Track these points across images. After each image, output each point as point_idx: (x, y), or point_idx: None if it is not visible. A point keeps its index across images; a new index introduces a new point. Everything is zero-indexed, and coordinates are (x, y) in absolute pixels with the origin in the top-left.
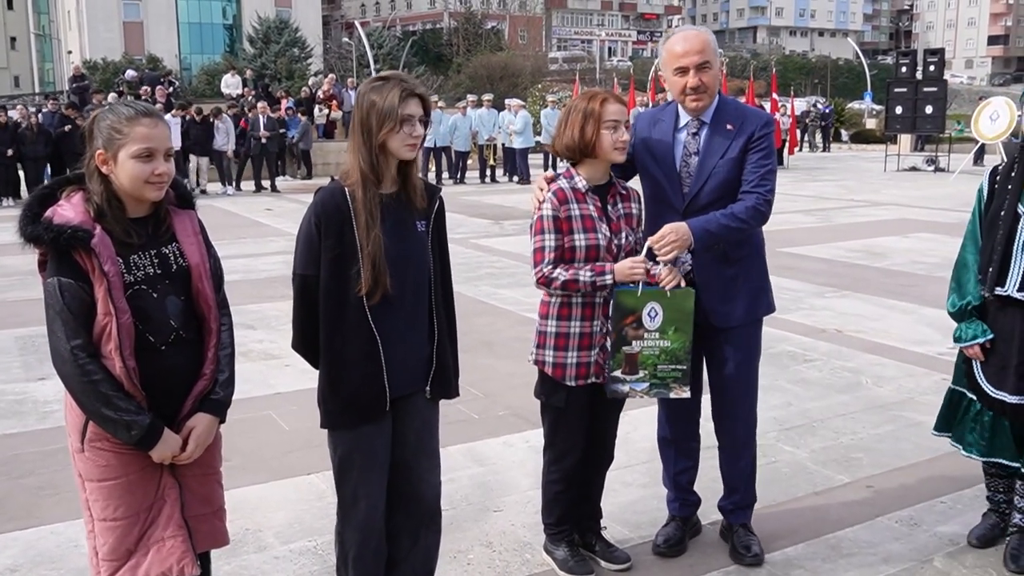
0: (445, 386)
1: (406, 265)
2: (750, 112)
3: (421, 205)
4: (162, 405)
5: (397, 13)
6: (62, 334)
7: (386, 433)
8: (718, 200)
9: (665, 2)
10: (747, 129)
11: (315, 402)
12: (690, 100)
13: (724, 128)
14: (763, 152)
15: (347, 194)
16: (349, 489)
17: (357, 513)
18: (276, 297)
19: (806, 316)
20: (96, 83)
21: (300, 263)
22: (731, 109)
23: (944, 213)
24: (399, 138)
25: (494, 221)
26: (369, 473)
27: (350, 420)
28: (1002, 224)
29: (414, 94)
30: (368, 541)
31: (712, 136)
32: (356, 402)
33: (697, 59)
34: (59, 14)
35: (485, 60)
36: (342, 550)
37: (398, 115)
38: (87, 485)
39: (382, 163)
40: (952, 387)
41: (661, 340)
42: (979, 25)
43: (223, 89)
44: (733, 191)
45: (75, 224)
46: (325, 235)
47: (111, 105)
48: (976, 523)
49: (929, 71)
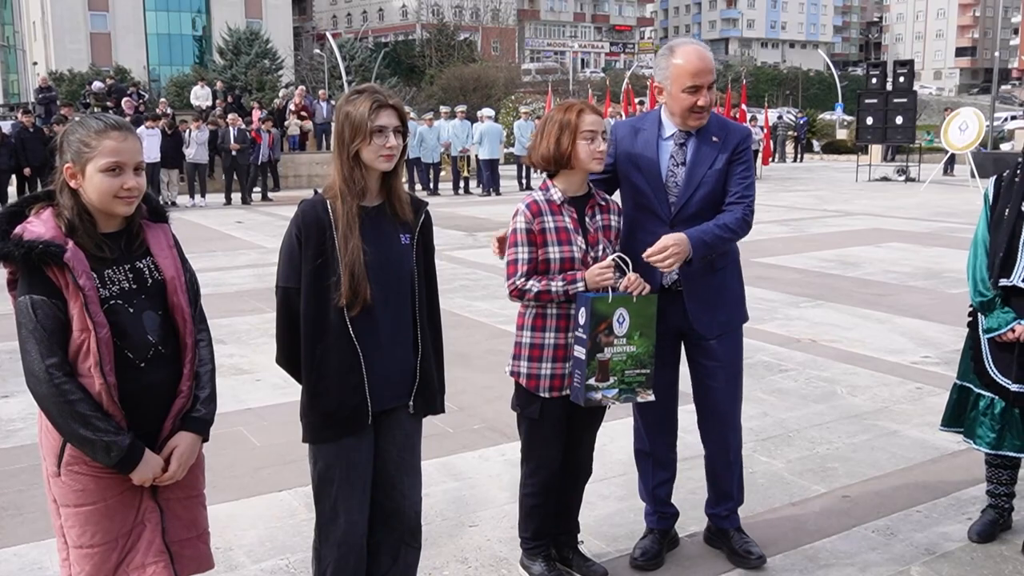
0: (429, 401)
1: (387, 277)
2: (732, 125)
3: (406, 218)
4: (141, 424)
5: (369, 24)
6: (36, 353)
7: (368, 447)
8: (705, 210)
9: (638, 14)
10: (731, 141)
11: (287, 418)
12: (694, 118)
13: (710, 140)
14: (746, 164)
15: (328, 206)
16: (328, 504)
17: (336, 529)
18: (247, 311)
19: (780, 326)
20: (63, 95)
21: (282, 275)
22: (715, 121)
23: (915, 223)
24: (372, 149)
25: (468, 233)
26: (349, 488)
27: (331, 433)
28: (1007, 222)
29: (386, 105)
30: (347, 557)
31: (700, 147)
32: (337, 414)
33: (710, 79)
34: (24, 25)
35: (458, 71)
36: (319, 567)
37: (368, 127)
38: (62, 511)
39: (359, 175)
40: (958, 383)
41: (628, 345)
42: (947, 37)
43: (193, 101)
44: (717, 202)
45: (47, 239)
46: (306, 246)
47: (81, 118)
48: (959, 528)
49: (899, 82)
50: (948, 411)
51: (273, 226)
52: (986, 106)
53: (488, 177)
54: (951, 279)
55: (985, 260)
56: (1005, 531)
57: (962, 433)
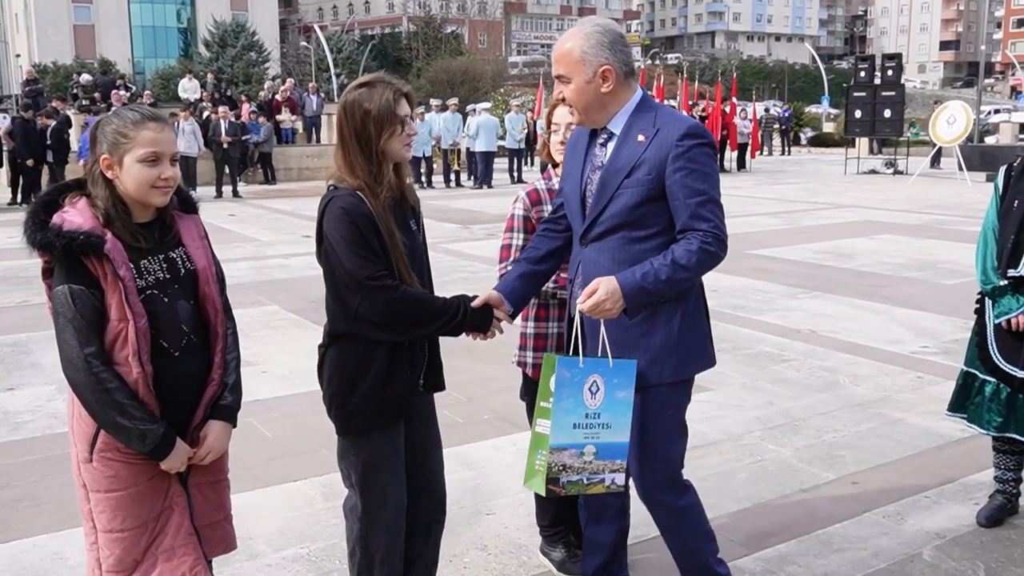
0: (434, 378)
1: (414, 263)
2: (670, 120)
3: (414, 203)
4: (173, 413)
5: (355, 17)
6: (75, 342)
7: (402, 431)
8: (618, 229)
9: (624, 7)
10: (661, 142)
11: (296, 409)
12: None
13: (635, 139)
14: (688, 172)
15: (364, 198)
16: (378, 490)
17: (386, 514)
18: (247, 303)
19: (780, 317)
20: (47, 88)
21: (363, 266)
22: (647, 116)
23: (905, 215)
24: (399, 139)
25: (463, 225)
26: (397, 472)
27: (385, 420)
28: (1015, 213)
29: (403, 93)
30: (396, 541)
31: (619, 149)
32: (395, 400)
33: (553, 69)
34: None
35: (445, 64)
36: (366, 555)
37: (397, 117)
38: (93, 496)
39: (383, 169)
40: (965, 369)
41: None
42: (931, 31)
43: (180, 93)
44: (639, 222)
45: (86, 230)
46: (371, 241)
47: (116, 109)
48: (967, 513)
49: (887, 76)
50: (954, 397)
51: (267, 218)
52: (971, 99)
53: (482, 170)
54: (945, 270)
55: (995, 248)
56: (1012, 515)
57: (965, 418)
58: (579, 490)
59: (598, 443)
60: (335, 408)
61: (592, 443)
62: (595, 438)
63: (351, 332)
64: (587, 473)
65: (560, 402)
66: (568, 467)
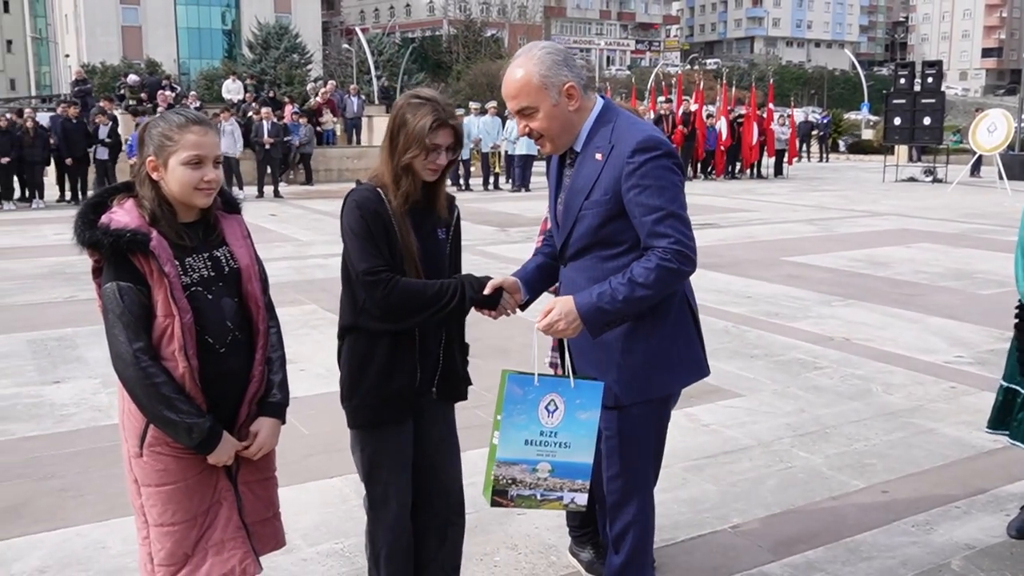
0: (450, 388)
1: (429, 269)
2: (624, 134)
3: (443, 214)
4: (218, 409)
5: (396, 20)
6: (124, 337)
7: (409, 431)
8: (589, 249)
9: (663, 12)
10: (615, 160)
11: (332, 407)
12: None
13: (592, 158)
14: (641, 190)
15: (382, 196)
16: (380, 488)
17: (388, 512)
18: (286, 302)
19: (814, 324)
20: (95, 88)
21: (364, 258)
22: (605, 131)
23: (943, 223)
24: (421, 162)
25: (500, 228)
26: (399, 471)
27: (389, 414)
28: None
29: (447, 124)
30: (400, 539)
31: (579, 169)
32: (399, 396)
33: (513, 104)
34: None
35: (485, 67)
36: (372, 550)
37: (426, 143)
38: (143, 491)
39: (409, 180)
40: (1005, 385)
41: None
42: (973, 38)
43: (224, 94)
44: (607, 240)
45: (133, 228)
46: (378, 236)
47: (162, 113)
48: (997, 524)
49: (927, 83)
50: (994, 413)
51: (307, 219)
52: (1013, 107)
53: (519, 173)
54: (982, 280)
55: None
56: None
57: (1008, 435)
58: (530, 505)
59: (554, 461)
60: (344, 399)
61: (547, 460)
62: (550, 456)
63: (356, 324)
64: (541, 489)
65: (510, 418)
66: (519, 481)
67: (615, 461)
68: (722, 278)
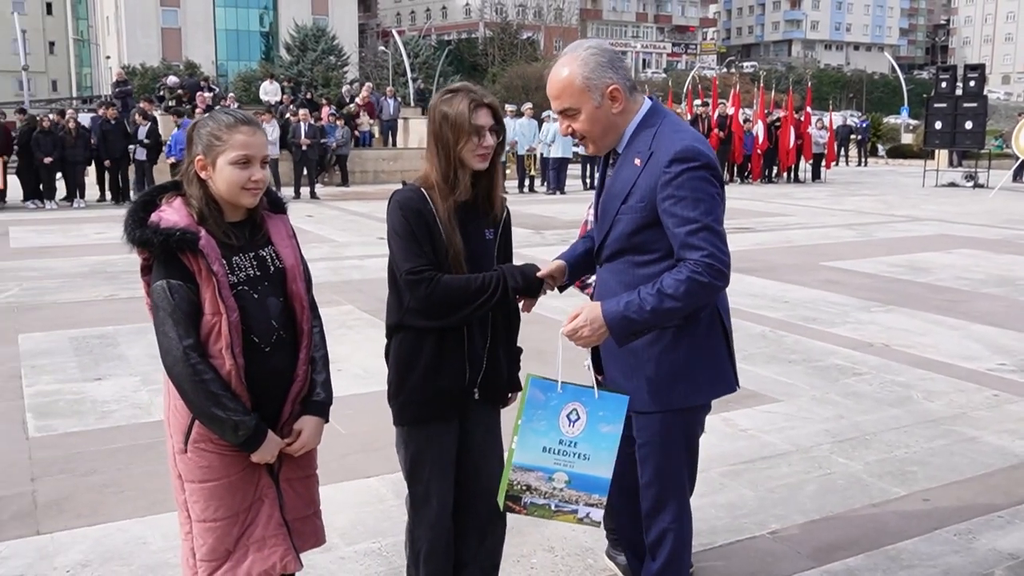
0: (492, 391)
1: (475, 269)
2: (664, 141)
3: (491, 213)
4: (263, 407)
5: (432, 22)
6: (174, 334)
7: (454, 430)
8: (622, 253)
9: (700, 14)
10: (652, 167)
11: (370, 407)
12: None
13: (631, 163)
14: (676, 201)
15: (426, 196)
16: (422, 487)
17: (429, 511)
18: (324, 303)
19: (853, 330)
20: (136, 89)
21: (408, 258)
22: (647, 135)
23: (985, 229)
24: (469, 148)
25: (535, 231)
26: (442, 470)
27: (433, 412)
28: None
29: (483, 104)
30: (440, 538)
31: (618, 172)
32: (445, 394)
33: (556, 104)
34: (97, 20)
35: (520, 70)
36: (412, 549)
37: (470, 125)
38: (187, 486)
39: (458, 174)
40: None
41: None
42: (1016, 41)
43: (262, 96)
44: (640, 247)
45: (182, 227)
46: (420, 236)
47: (212, 112)
48: None
49: (969, 87)
50: None
51: (343, 220)
52: None
53: (554, 176)
54: None
55: None
56: None
57: None
58: (543, 515)
59: (571, 472)
60: (391, 396)
61: (564, 471)
62: (568, 467)
63: (402, 323)
64: (556, 500)
65: (530, 423)
66: (534, 489)
67: (648, 468)
68: (758, 282)
